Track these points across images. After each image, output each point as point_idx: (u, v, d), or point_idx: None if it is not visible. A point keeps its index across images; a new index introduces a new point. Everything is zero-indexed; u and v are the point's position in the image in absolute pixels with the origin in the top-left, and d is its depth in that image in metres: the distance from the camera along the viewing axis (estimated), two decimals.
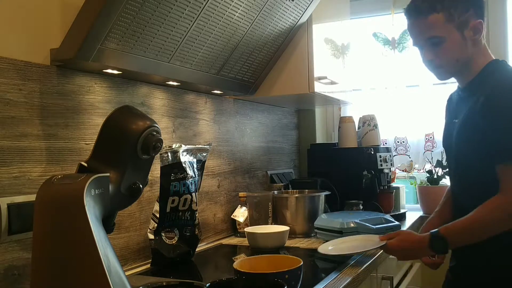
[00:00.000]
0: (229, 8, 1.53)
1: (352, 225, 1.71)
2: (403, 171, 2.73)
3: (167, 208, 1.49)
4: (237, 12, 1.57)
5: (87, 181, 0.91)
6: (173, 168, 1.49)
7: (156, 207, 1.51)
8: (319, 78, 2.03)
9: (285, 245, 1.75)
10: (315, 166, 2.50)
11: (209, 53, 1.60)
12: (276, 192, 2.11)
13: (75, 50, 1.18)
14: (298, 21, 1.92)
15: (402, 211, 2.39)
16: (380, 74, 2.75)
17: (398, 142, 2.74)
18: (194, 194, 1.54)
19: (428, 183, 2.49)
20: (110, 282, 0.85)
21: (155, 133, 1.02)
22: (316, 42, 2.04)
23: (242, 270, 1.16)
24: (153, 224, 1.51)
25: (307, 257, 1.53)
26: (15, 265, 1.15)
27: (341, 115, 2.68)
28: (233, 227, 2.03)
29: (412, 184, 2.76)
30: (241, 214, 2.00)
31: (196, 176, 1.57)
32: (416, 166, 2.70)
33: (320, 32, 2.09)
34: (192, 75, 1.62)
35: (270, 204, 1.95)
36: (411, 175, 2.78)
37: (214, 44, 1.59)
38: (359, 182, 2.25)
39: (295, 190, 2.18)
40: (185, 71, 1.57)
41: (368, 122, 2.45)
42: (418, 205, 2.56)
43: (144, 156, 1.03)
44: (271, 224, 1.93)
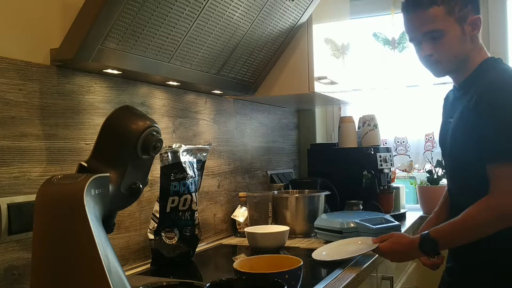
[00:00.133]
0: (229, 8, 1.53)
1: (352, 225, 1.70)
2: (403, 171, 2.73)
3: (167, 208, 1.49)
4: (237, 12, 1.57)
5: (87, 181, 0.91)
6: (173, 168, 1.49)
7: (156, 207, 1.51)
8: (319, 78, 2.03)
9: (285, 245, 1.75)
10: (315, 166, 2.50)
11: (209, 53, 1.61)
12: (276, 192, 2.11)
13: (75, 50, 1.19)
14: (298, 21, 1.92)
15: (402, 211, 2.39)
16: (380, 74, 2.75)
17: (398, 142, 2.74)
18: (194, 194, 1.54)
19: (428, 183, 2.49)
20: (110, 282, 0.85)
21: (155, 133, 1.02)
22: (316, 42, 2.04)
23: (242, 270, 1.16)
24: (153, 224, 1.51)
25: (307, 257, 1.52)
26: (15, 265, 1.15)
27: (341, 115, 2.68)
28: (233, 227, 2.03)
29: (412, 184, 2.76)
30: (241, 214, 2.00)
31: (196, 176, 1.57)
32: (416, 166, 2.70)
33: (320, 32, 2.09)
34: (192, 75, 1.62)
35: (270, 204, 1.95)
36: (411, 175, 2.78)
37: (214, 44, 1.59)
38: (359, 182, 2.25)
39: (295, 190, 2.18)
40: (185, 71, 1.57)
41: (368, 122, 2.45)
42: (418, 205, 2.56)
43: (144, 156, 1.03)
44: (271, 224, 1.93)
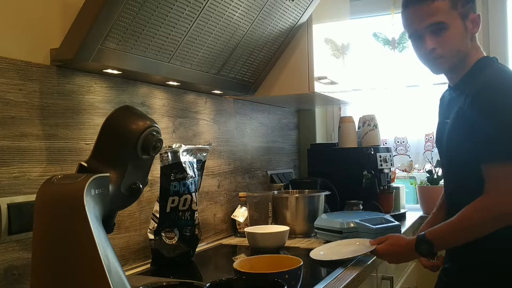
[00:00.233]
0: (229, 8, 1.53)
1: (352, 225, 1.70)
2: (403, 171, 2.73)
3: (167, 208, 1.49)
4: (237, 12, 1.57)
5: (87, 181, 0.91)
6: (173, 168, 1.49)
7: (156, 207, 1.51)
8: (319, 78, 2.03)
9: (285, 245, 1.75)
10: (315, 166, 2.50)
11: (209, 53, 1.60)
12: (276, 192, 2.11)
13: (75, 50, 1.19)
14: (298, 21, 1.92)
15: (402, 211, 2.39)
16: (380, 74, 2.75)
17: (398, 142, 2.74)
18: (194, 194, 1.54)
19: (428, 183, 2.49)
20: (110, 282, 0.85)
21: (155, 133, 1.02)
22: (316, 42, 2.04)
23: (242, 270, 1.16)
24: (153, 224, 1.51)
25: (307, 257, 1.52)
26: (15, 265, 1.15)
27: (341, 115, 2.68)
28: (233, 227, 2.03)
29: (412, 184, 2.76)
30: (241, 214, 2.00)
31: (196, 176, 1.57)
32: (416, 166, 2.70)
33: (320, 32, 2.09)
34: (192, 75, 1.62)
35: (270, 204, 1.95)
36: (411, 175, 2.78)
37: (214, 44, 1.59)
38: (359, 182, 2.25)
39: (295, 190, 2.18)
40: (185, 71, 1.57)
41: (368, 122, 2.45)
42: (418, 205, 2.56)
43: (144, 156, 1.03)
44: (271, 224, 1.93)
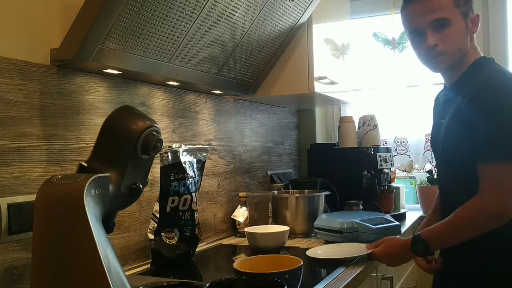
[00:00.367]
0: (229, 8, 1.53)
1: (352, 225, 1.70)
2: (403, 171, 2.73)
3: (167, 208, 1.49)
4: (237, 12, 1.57)
5: (87, 181, 0.91)
6: (173, 168, 1.49)
7: (156, 207, 1.51)
8: (319, 78, 2.03)
9: (285, 245, 1.75)
10: (315, 166, 2.50)
11: (209, 53, 1.60)
12: (276, 192, 2.11)
13: (75, 50, 1.19)
14: (298, 21, 1.92)
15: (402, 211, 2.39)
16: (380, 74, 2.75)
17: (398, 142, 2.74)
18: (194, 194, 1.54)
19: (428, 183, 2.49)
20: (110, 282, 0.85)
21: (155, 133, 1.02)
22: (316, 42, 2.04)
23: (242, 270, 1.16)
24: (153, 224, 1.51)
25: (307, 257, 1.52)
26: (15, 265, 1.15)
27: (341, 115, 2.68)
28: (233, 227, 2.03)
29: (412, 184, 2.76)
30: (241, 214, 2.00)
31: (196, 176, 1.57)
32: (416, 166, 2.71)
33: (320, 32, 2.09)
34: (192, 75, 1.62)
35: (270, 204, 1.95)
36: (411, 175, 2.78)
37: (214, 44, 1.59)
38: (359, 182, 2.25)
39: (295, 190, 2.18)
40: (185, 71, 1.57)
41: (368, 122, 2.45)
42: (418, 205, 2.56)
43: (144, 156, 1.03)
44: (271, 224, 1.93)
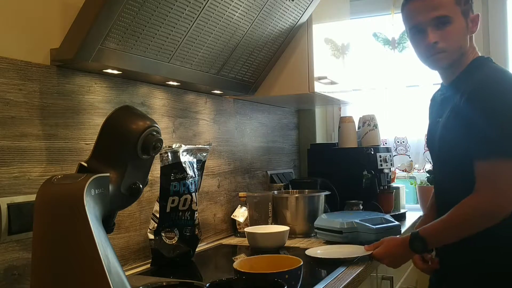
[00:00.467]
0: (229, 8, 1.53)
1: (352, 225, 1.70)
2: (403, 171, 2.73)
3: (167, 208, 1.49)
4: (237, 12, 1.57)
5: (87, 181, 0.91)
6: (173, 168, 1.49)
7: (156, 207, 1.51)
8: (319, 78, 2.03)
9: (285, 245, 1.75)
10: (315, 166, 2.50)
11: (209, 53, 1.60)
12: (276, 192, 2.11)
13: (75, 50, 1.19)
14: (298, 21, 1.92)
15: (402, 211, 2.39)
16: (380, 74, 2.75)
17: (398, 142, 2.74)
18: (194, 194, 1.54)
19: (428, 183, 2.49)
20: (110, 282, 0.85)
21: (155, 133, 1.02)
22: (316, 42, 2.04)
23: (242, 270, 1.16)
24: (153, 224, 1.51)
25: (307, 257, 1.52)
26: (15, 265, 1.15)
27: (341, 115, 2.68)
28: (233, 227, 2.03)
29: (412, 184, 2.76)
30: (241, 214, 2.00)
31: (196, 176, 1.57)
32: (416, 166, 2.71)
33: (320, 32, 2.09)
34: (192, 75, 1.62)
35: (270, 204, 1.95)
36: (411, 175, 2.78)
37: (214, 44, 1.59)
38: (359, 182, 2.25)
39: (295, 190, 2.18)
40: (185, 71, 1.57)
41: (368, 122, 2.45)
42: (418, 205, 2.55)
43: (144, 156, 1.03)
44: (271, 224, 1.93)
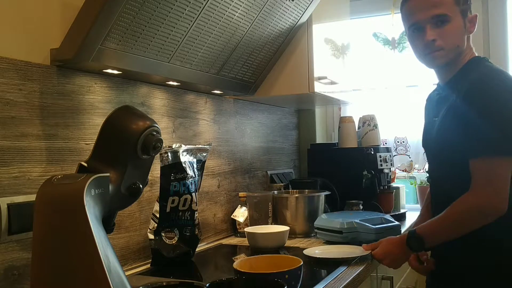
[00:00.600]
0: (229, 8, 1.53)
1: (352, 225, 1.70)
2: (403, 171, 2.73)
3: (167, 208, 1.49)
4: (237, 12, 1.57)
5: (87, 181, 0.91)
6: (173, 168, 1.49)
7: (156, 207, 1.51)
8: (319, 78, 2.03)
9: (285, 245, 1.75)
10: (315, 166, 2.50)
11: (209, 53, 1.60)
12: (276, 192, 2.11)
13: (75, 50, 1.19)
14: (298, 21, 1.92)
15: (402, 211, 2.39)
16: (380, 74, 2.75)
17: (398, 142, 2.74)
18: (194, 194, 1.54)
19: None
20: (110, 282, 0.85)
21: (155, 133, 1.02)
22: (316, 42, 2.04)
23: (242, 270, 1.16)
24: (153, 224, 1.51)
25: (307, 257, 1.52)
26: (15, 265, 1.15)
27: (341, 115, 2.68)
28: (233, 227, 2.03)
29: (412, 184, 2.76)
30: (241, 214, 2.00)
31: (196, 176, 1.57)
32: (416, 166, 2.71)
33: (320, 32, 2.09)
34: (192, 75, 1.62)
35: (270, 204, 1.95)
36: (411, 175, 2.78)
37: (214, 44, 1.59)
38: (359, 182, 2.25)
39: (295, 190, 2.18)
40: (185, 71, 1.57)
41: (368, 122, 2.45)
42: (418, 205, 2.56)
43: (144, 156, 1.03)
44: (271, 224, 1.93)
